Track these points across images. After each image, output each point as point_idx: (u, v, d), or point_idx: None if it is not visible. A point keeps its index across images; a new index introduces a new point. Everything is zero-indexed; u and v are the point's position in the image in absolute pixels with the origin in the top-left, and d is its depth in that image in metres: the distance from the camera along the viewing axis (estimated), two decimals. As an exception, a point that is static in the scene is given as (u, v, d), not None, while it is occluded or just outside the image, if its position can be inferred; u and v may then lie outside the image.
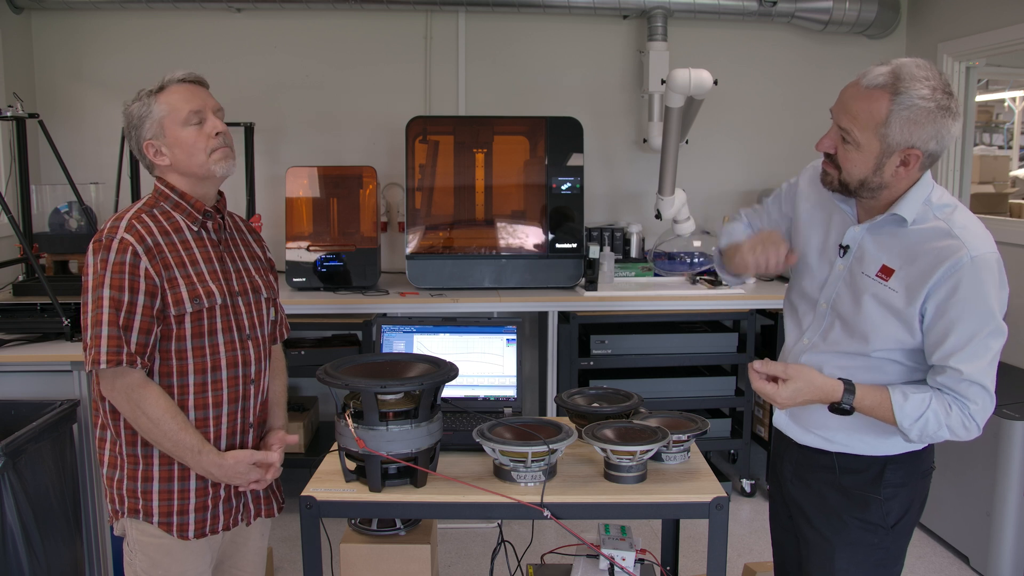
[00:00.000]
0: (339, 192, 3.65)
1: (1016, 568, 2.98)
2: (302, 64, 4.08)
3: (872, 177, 1.57)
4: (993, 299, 1.56)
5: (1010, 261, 3.55)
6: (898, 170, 1.56)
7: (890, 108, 1.49)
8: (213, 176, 1.80)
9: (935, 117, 1.49)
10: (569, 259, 3.63)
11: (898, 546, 1.75)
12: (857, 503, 1.72)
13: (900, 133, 1.50)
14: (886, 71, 1.50)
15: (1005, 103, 7.96)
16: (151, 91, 1.79)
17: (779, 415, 1.85)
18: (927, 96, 1.48)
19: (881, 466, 1.71)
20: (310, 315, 3.42)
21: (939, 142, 1.52)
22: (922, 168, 1.58)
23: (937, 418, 1.57)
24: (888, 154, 1.53)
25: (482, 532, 3.40)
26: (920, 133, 1.50)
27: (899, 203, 1.60)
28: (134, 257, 1.67)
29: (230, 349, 1.80)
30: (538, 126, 3.66)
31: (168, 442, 1.70)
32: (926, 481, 1.77)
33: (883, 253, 1.64)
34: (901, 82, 1.48)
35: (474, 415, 2.03)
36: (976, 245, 1.55)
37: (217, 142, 1.79)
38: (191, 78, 1.82)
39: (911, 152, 1.53)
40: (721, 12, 4.03)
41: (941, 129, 1.51)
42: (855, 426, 1.70)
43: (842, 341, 1.70)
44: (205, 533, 1.80)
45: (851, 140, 1.55)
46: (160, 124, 1.77)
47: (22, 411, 2.59)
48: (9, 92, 3.61)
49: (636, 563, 1.89)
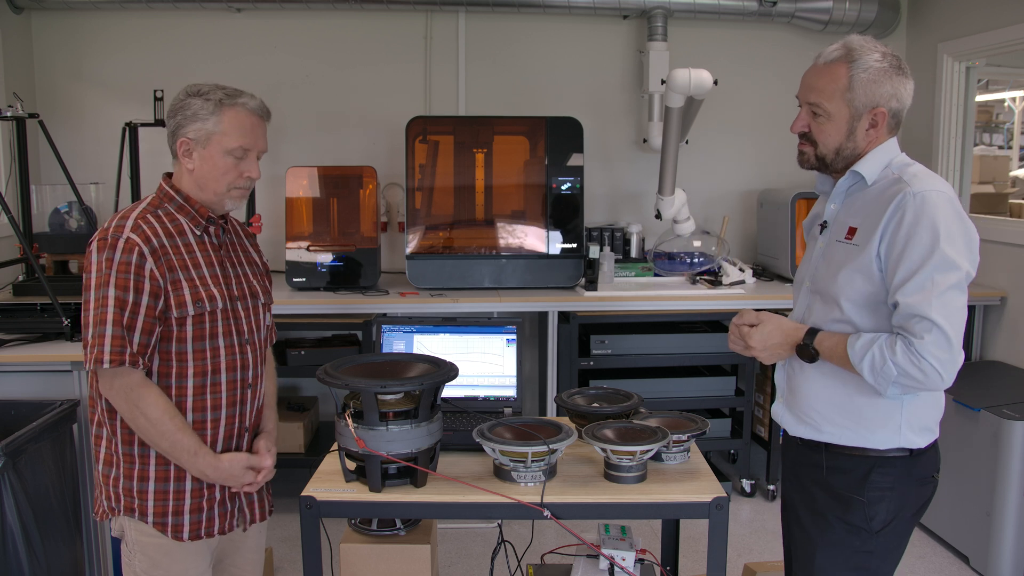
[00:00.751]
0: (339, 192, 3.65)
1: (1016, 568, 2.98)
2: (302, 64, 4.08)
3: (846, 143, 1.69)
4: (941, 233, 1.55)
5: (1010, 261, 3.58)
6: (869, 132, 1.68)
7: (850, 74, 1.64)
8: (222, 206, 1.82)
9: (891, 75, 1.64)
10: (569, 259, 3.63)
11: (884, 552, 1.72)
12: (841, 503, 1.71)
13: (864, 94, 1.64)
14: (839, 46, 1.67)
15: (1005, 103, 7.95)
16: (221, 100, 1.74)
17: (776, 405, 1.86)
18: (879, 59, 1.64)
19: (869, 467, 1.69)
20: (310, 315, 3.42)
21: (899, 100, 1.67)
22: (890, 130, 1.70)
23: (883, 353, 1.56)
24: (857, 117, 1.66)
25: (482, 532, 3.40)
26: (880, 91, 1.64)
27: (860, 162, 1.70)
28: (140, 258, 1.67)
29: (230, 353, 1.80)
30: (538, 126, 3.66)
31: (165, 442, 1.70)
32: (924, 489, 1.73)
33: (849, 217, 1.72)
34: (854, 51, 1.65)
35: (474, 415, 2.03)
36: (923, 184, 1.61)
37: (243, 183, 1.80)
38: (261, 111, 1.81)
39: (877, 111, 1.65)
40: (721, 12, 4.03)
41: (898, 87, 1.65)
42: (842, 412, 1.70)
43: (820, 312, 1.73)
44: (200, 535, 1.80)
45: (822, 112, 1.68)
46: (208, 136, 1.75)
47: (22, 411, 2.59)
48: (9, 92, 3.61)
49: (636, 563, 1.89)
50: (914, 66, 4.28)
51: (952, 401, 3.09)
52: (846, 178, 1.72)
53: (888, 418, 1.67)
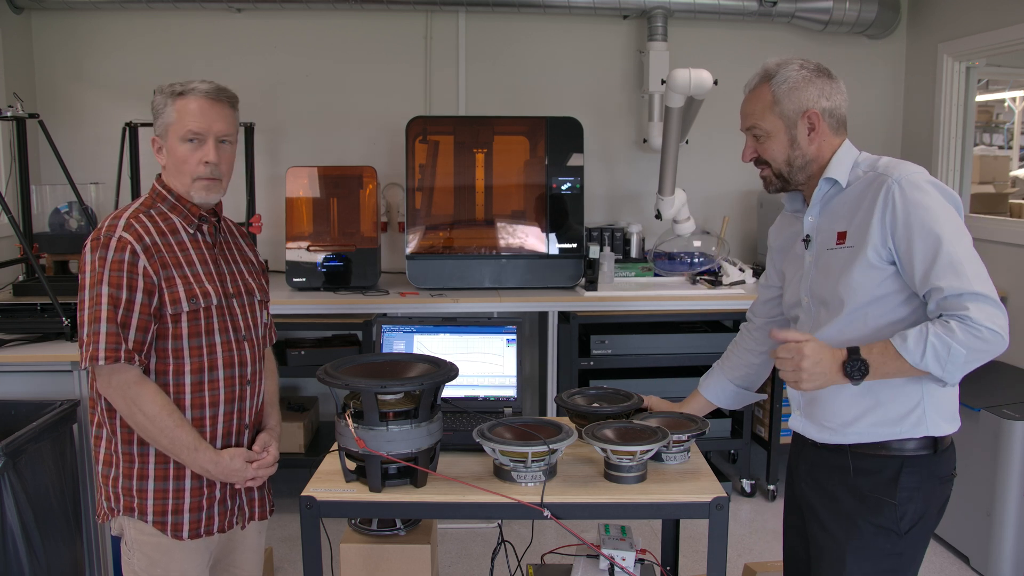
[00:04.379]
0: (339, 192, 3.65)
1: (1016, 568, 2.98)
2: (302, 64, 4.08)
3: (793, 152, 1.74)
4: (935, 209, 1.58)
5: (1010, 261, 3.57)
6: (812, 136, 1.72)
7: (772, 89, 1.72)
8: (191, 199, 1.80)
9: (811, 79, 1.71)
10: (569, 259, 3.63)
11: (912, 553, 1.72)
12: (871, 506, 1.70)
13: (790, 102, 1.71)
14: (758, 72, 1.77)
15: (1005, 103, 7.95)
16: (174, 91, 1.75)
17: (795, 418, 1.84)
18: (796, 69, 1.71)
19: (897, 467, 1.68)
20: (310, 315, 3.42)
21: (829, 98, 1.71)
22: (834, 129, 1.73)
23: (942, 340, 1.53)
24: (793, 125, 1.72)
25: (482, 532, 3.40)
26: (805, 95, 1.70)
27: (828, 168, 1.73)
28: (132, 255, 1.68)
29: (226, 349, 1.80)
30: (538, 126, 3.66)
31: (164, 439, 1.71)
32: (945, 488, 1.73)
33: (835, 223, 1.73)
34: (771, 70, 1.74)
35: (474, 415, 2.03)
36: (900, 171, 1.64)
37: (203, 171, 1.77)
38: (215, 95, 1.77)
39: (809, 113, 1.70)
40: (721, 12, 4.03)
41: (823, 87, 1.71)
42: (867, 410, 1.69)
43: (829, 321, 1.71)
44: (200, 534, 1.80)
45: (761, 132, 1.75)
46: (166, 128, 1.76)
47: (22, 411, 2.59)
48: (9, 92, 3.61)
49: (636, 563, 1.89)
50: (914, 66, 4.31)
51: (952, 401, 3.09)
52: (821, 186, 1.74)
53: (912, 406, 1.66)
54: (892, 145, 4.41)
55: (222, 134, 1.78)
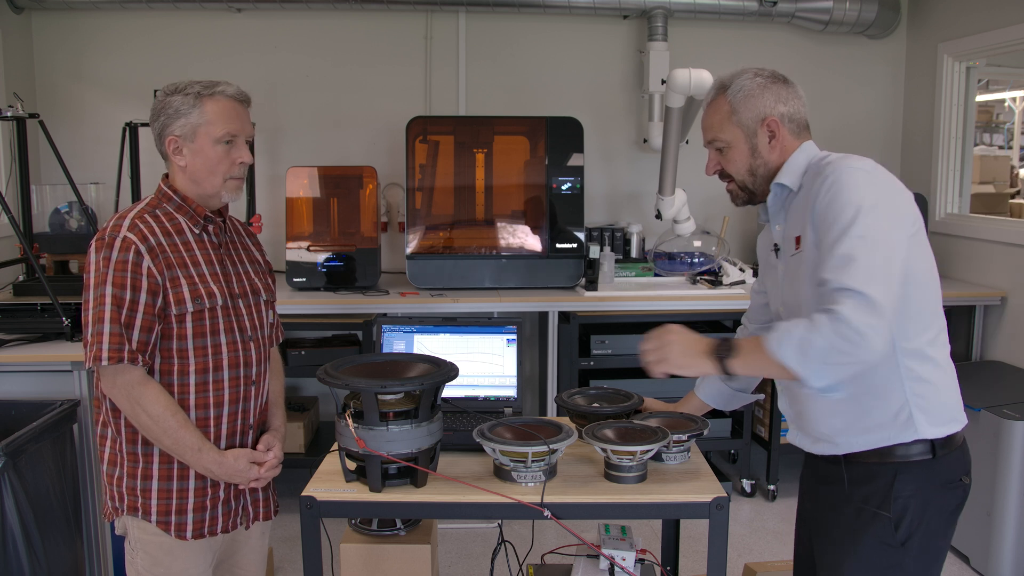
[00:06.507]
0: (339, 192, 3.65)
1: (1016, 568, 2.98)
2: (302, 64, 4.08)
3: (755, 161, 1.72)
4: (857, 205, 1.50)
5: (1010, 261, 3.57)
6: (772, 143, 1.70)
7: (729, 100, 1.71)
8: (220, 199, 1.81)
9: (767, 86, 1.69)
10: (569, 259, 3.63)
11: (917, 567, 1.63)
12: (867, 518, 1.64)
13: (747, 111, 1.69)
14: (713, 84, 1.76)
15: (1005, 103, 7.96)
16: (199, 92, 1.74)
17: (790, 433, 1.82)
18: (750, 78, 1.70)
19: (892, 474, 1.62)
20: (310, 315, 3.42)
21: (786, 103, 1.70)
22: (795, 134, 1.71)
23: (804, 333, 1.46)
24: (753, 134, 1.70)
25: (482, 532, 3.40)
26: (762, 103, 1.69)
27: (779, 174, 1.71)
28: (136, 256, 1.68)
29: (232, 350, 1.80)
30: (538, 126, 3.66)
31: (168, 439, 1.71)
32: (949, 494, 1.64)
33: (792, 229, 1.70)
34: (725, 82, 1.73)
35: (474, 415, 2.03)
36: (838, 163, 1.59)
37: (237, 171, 1.80)
38: (241, 97, 1.80)
39: (768, 121, 1.69)
40: (721, 12, 4.03)
41: (779, 92, 1.70)
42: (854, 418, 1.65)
43: None
44: (203, 534, 1.80)
45: (723, 144, 1.74)
46: (195, 130, 1.74)
47: (22, 411, 2.59)
48: (9, 92, 3.61)
49: (636, 563, 1.89)
50: (914, 66, 4.31)
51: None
52: (772, 194, 1.72)
53: (897, 410, 1.61)
54: (892, 145, 4.41)
55: (250, 134, 1.82)
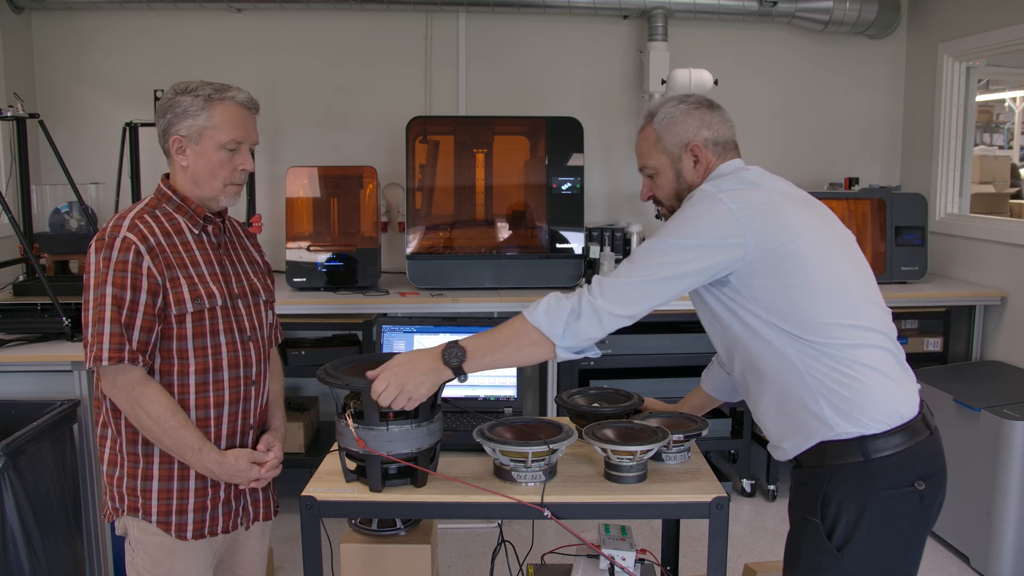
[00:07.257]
0: (339, 192, 3.65)
1: (1016, 568, 2.98)
2: (302, 64, 4.08)
3: (680, 186, 1.76)
4: (676, 223, 1.63)
5: (1010, 261, 3.57)
6: (697, 168, 1.74)
7: (655, 127, 1.76)
8: (217, 203, 1.81)
9: (690, 112, 1.74)
10: (569, 259, 3.64)
11: None
12: (802, 524, 1.64)
13: (671, 137, 1.74)
14: (644, 113, 1.80)
15: (1005, 103, 7.96)
16: (210, 95, 1.74)
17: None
18: (674, 105, 1.76)
19: (825, 479, 1.59)
20: (310, 315, 3.42)
21: (710, 128, 1.73)
22: (718, 155, 1.74)
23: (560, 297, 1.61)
24: (677, 159, 1.75)
25: (482, 532, 3.40)
26: (685, 129, 1.73)
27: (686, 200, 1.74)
28: (136, 256, 1.68)
29: (232, 350, 1.80)
30: (538, 126, 3.66)
31: (168, 439, 1.71)
32: (898, 500, 1.57)
33: None
34: (652, 110, 1.78)
35: (474, 415, 2.03)
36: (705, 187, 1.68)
37: (238, 177, 1.80)
38: (250, 104, 1.80)
39: (691, 146, 1.73)
40: (721, 12, 4.03)
41: (703, 118, 1.73)
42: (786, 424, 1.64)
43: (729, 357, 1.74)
44: (204, 534, 1.80)
45: (651, 169, 1.78)
46: (201, 132, 1.74)
47: (22, 411, 2.59)
48: (9, 92, 3.61)
49: (636, 563, 1.89)
50: (914, 66, 4.31)
51: (952, 401, 3.09)
52: None
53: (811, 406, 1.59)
54: (892, 145, 4.41)
55: (254, 142, 1.82)
